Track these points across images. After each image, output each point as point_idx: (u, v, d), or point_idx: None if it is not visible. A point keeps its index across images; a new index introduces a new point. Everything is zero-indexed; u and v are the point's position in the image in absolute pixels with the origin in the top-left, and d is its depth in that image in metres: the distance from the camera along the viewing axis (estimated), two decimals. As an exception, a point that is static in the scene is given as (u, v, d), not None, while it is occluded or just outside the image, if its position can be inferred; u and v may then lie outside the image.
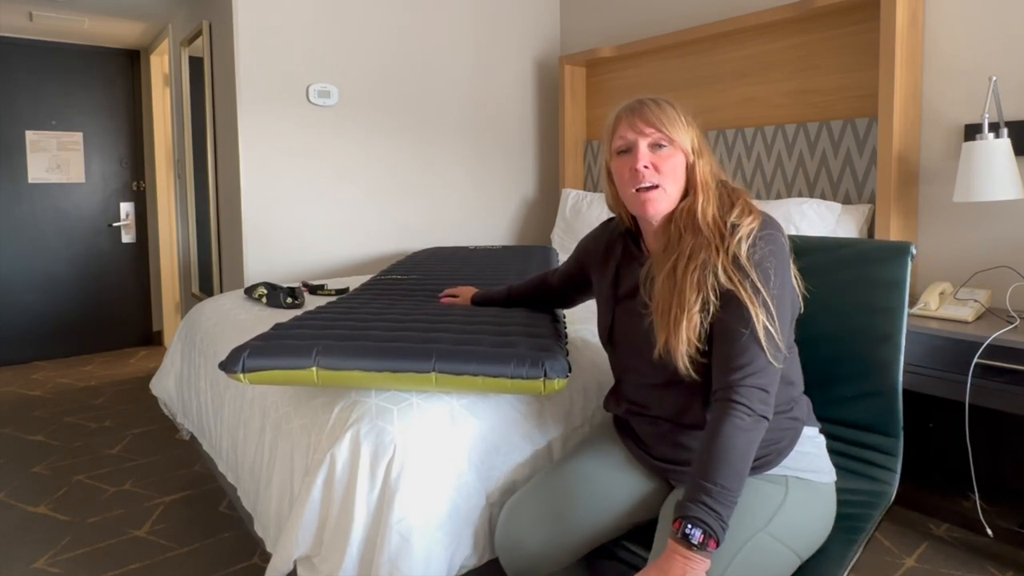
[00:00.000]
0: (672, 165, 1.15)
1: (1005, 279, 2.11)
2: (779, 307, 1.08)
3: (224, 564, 1.91)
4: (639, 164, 1.14)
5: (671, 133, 1.14)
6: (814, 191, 2.57)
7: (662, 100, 1.18)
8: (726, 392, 1.04)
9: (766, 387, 1.04)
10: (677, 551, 0.96)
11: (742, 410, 1.02)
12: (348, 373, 1.24)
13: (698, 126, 1.19)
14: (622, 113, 1.19)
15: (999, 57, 2.14)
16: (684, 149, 1.16)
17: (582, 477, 1.24)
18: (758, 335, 1.04)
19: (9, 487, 2.42)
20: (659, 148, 1.15)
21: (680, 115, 1.17)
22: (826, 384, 1.37)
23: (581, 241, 1.46)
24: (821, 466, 1.17)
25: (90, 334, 4.43)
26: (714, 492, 0.97)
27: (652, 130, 1.15)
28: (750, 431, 1.01)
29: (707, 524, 0.95)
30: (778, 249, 1.10)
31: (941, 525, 2.07)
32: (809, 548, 1.11)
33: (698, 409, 1.15)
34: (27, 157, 4.18)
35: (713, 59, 2.94)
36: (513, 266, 2.45)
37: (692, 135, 1.17)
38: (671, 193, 1.15)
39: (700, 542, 0.95)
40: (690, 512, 0.97)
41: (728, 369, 1.05)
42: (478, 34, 3.53)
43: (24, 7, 3.56)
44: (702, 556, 0.95)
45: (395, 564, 1.18)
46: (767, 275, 1.07)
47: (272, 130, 2.93)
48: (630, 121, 1.17)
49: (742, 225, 1.10)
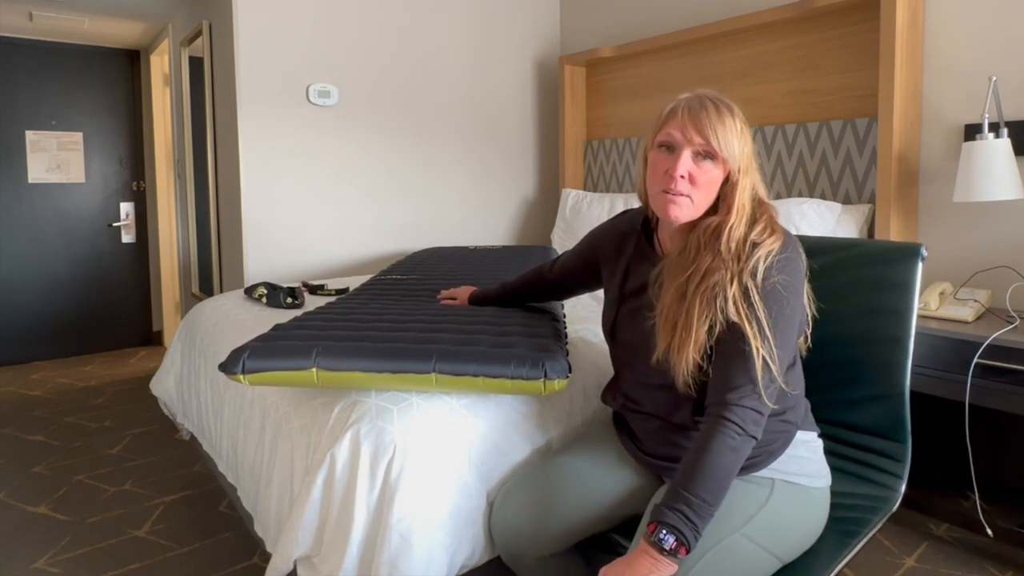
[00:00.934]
0: (709, 180, 1.10)
1: (1005, 279, 2.11)
2: (785, 337, 1.07)
3: (224, 564, 1.91)
4: (677, 172, 1.09)
5: (721, 149, 1.08)
6: (814, 191, 2.57)
7: (723, 104, 1.11)
8: (720, 409, 1.04)
9: (760, 409, 1.04)
10: (648, 552, 0.98)
11: (734, 429, 1.02)
12: (348, 374, 1.24)
13: (751, 136, 1.13)
14: (681, 110, 1.11)
15: (999, 57, 2.14)
16: (729, 165, 1.10)
17: (571, 469, 1.26)
18: (756, 364, 1.03)
19: (9, 487, 2.42)
20: (703, 159, 1.10)
21: (737, 124, 1.10)
22: (831, 387, 1.35)
23: (592, 232, 1.43)
24: (813, 470, 1.16)
25: (90, 334, 4.43)
26: (693, 504, 0.98)
27: (702, 140, 1.08)
28: (738, 450, 1.02)
29: (681, 533, 0.97)
30: (793, 274, 1.08)
31: (941, 525, 2.07)
32: (791, 551, 1.11)
33: (687, 411, 1.16)
34: (27, 157, 4.17)
35: (713, 59, 2.94)
36: (513, 266, 2.44)
37: (743, 148, 1.11)
38: (698, 204, 1.11)
39: (671, 548, 0.97)
40: (666, 519, 0.98)
41: (725, 388, 1.05)
42: (478, 34, 3.52)
43: (24, 7, 3.56)
44: (670, 561, 0.97)
45: (395, 564, 1.18)
46: (779, 305, 1.06)
47: (272, 130, 2.93)
48: (683, 123, 1.09)
49: (762, 245, 1.07)
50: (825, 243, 1.40)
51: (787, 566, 1.10)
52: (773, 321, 1.05)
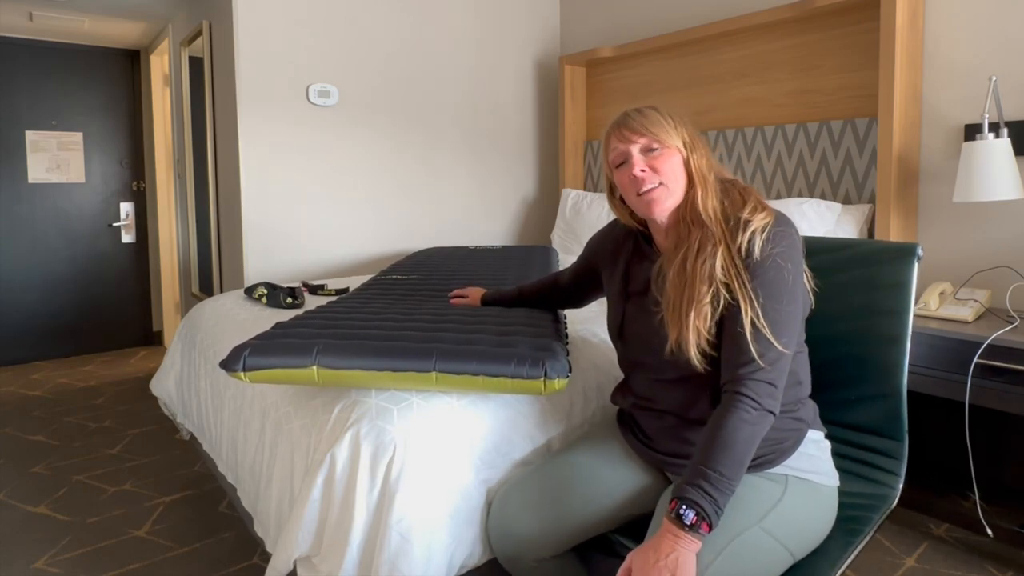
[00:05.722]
0: (669, 165, 1.17)
1: (1005, 279, 2.11)
2: (791, 303, 1.10)
3: (224, 564, 1.91)
4: (635, 170, 1.17)
5: (659, 135, 1.18)
6: (814, 191, 2.57)
7: (644, 108, 1.22)
8: (734, 385, 1.06)
9: (774, 381, 1.06)
10: (670, 530, 0.98)
11: (749, 403, 1.04)
12: (348, 372, 1.24)
13: (687, 123, 1.22)
14: (610, 129, 1.23)
15: (999, 57, 2.14)
16: (676, 147, 1.18)
17: (576, 467, 1.26)
18: (766, 331, 1.06)
19: (9, 487, 2.42)
20: (651, 151, 1.18)
21: (664, 117, 1.20)
22: (829, 386, 1.36)
23: (591, 239, 1.49)
24: (823, 469, 1.18)
25: (90, 334, 4.43)
26: (712, 478, 0.99)
27: (639, 136, 1.18)
28: (755, 424, 1.03)
29: (701, 507, 0.97)
30: (792, 245, 1.12)
31: (941, 525, 2.07)
32: (804, 547, 1.11)
33: (705, 405, 1.16)
34: (27, 157, 4.17)
35: (713, 59, 2.94)
36: (513, 266, 2.45)
37: (681, 132, 1.20)
38: (674, 190, 1.17)
39: (693, 523, 0.97)
40: (686, 494, 0.99)
41: (736, 363, 1.07)
42: (478, 34, 3.53)
43: (24, 7, 3.56)
44: (693, 537, 0.97)
45: (395, 564, 1.18)
46: (779, 275, 1.09)
47: (272, 130, 2.93)
48: (618, 133, 1.20)
49: (755, 220, 1.11)
50: (821, 243, 1.41)
51: (795, 566, 1.11)
52: (776, 292, 1.08)
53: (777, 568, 1.07)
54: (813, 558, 1.12)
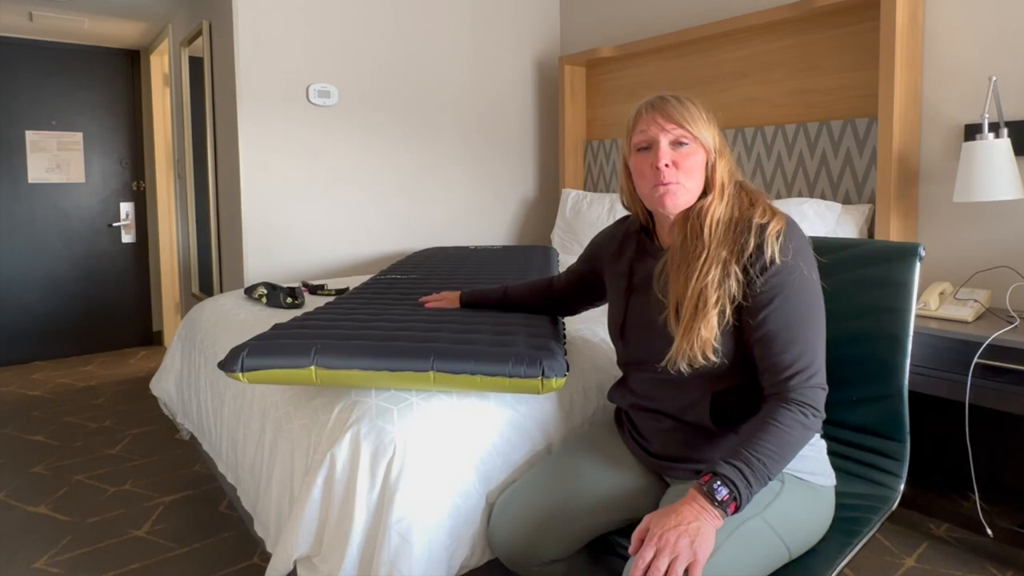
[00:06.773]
0: (693, 163, 1.14)
1: (1005, 279, 2.10)
2: (818, 305, 1.10)
3: (224, 564, 1.91)
4: (661, 163, 1.12)
5: (693, 130, 1.13)
6: (814, 191, 2.57)
7: (684, 97, 1.17)
8: (789, 392, 1.05)
9: (824, 385, 1.07)
10: (697, 500, 0.96)
11: (809, 409, 1.04)
12: (347, 372, 1.24)
13: (718, 125, 1.18)
14: (643, 109, 1.17)
15: (999, 57, 2.14)
16: (706, 147, 1.15)
17: (574, 470, 1.25)
18: (804, 335, 1.06)
19: (9, 487, 2.42)
20: (680, 146, 1.14)
21: (702, 112, 1.16)
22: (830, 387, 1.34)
23: (594, 238, 1.47)
24: (819, 469, 1.17)
25: (90, 334, 4.43)
26: (753, 464, 0.98)
27: (674, 126, 1.13)
28: (809, 428, 1.03)
29: (736, 487, 0.96)
30: (807, 247, 1.12)
31: (941, 525, 2.06)
32: (800, 545, 1.11)
33: (703, 409, 1.15)
34: (27, 157, 4.18)
35: (713, 59, 2.94)
36: (513, 266, 2.45)
37: (713, 133, 1.16)
38: (690, 189, 1.15)
39: (723, 500, 0.95)
40: (723, 470, 0.97)
41: (782, 370, 1.06)
42: (478, 34, 3.53)
43: (24, 7, 3.56)
44: (719, 513, 0.96)
45: (395, 564, 1.18)
46: (799, 270, 1.09)
47: (272, 130, 2.93)
48: (652, 117, 1.15)
49: (770, 224, 1.10)
50: (823, 243, 1.41)
51: (791, 563, 1.10)
52: (806, 296, 1.08)
53: (774, 562, 1.07)
54: (809, 558, 1.12)
